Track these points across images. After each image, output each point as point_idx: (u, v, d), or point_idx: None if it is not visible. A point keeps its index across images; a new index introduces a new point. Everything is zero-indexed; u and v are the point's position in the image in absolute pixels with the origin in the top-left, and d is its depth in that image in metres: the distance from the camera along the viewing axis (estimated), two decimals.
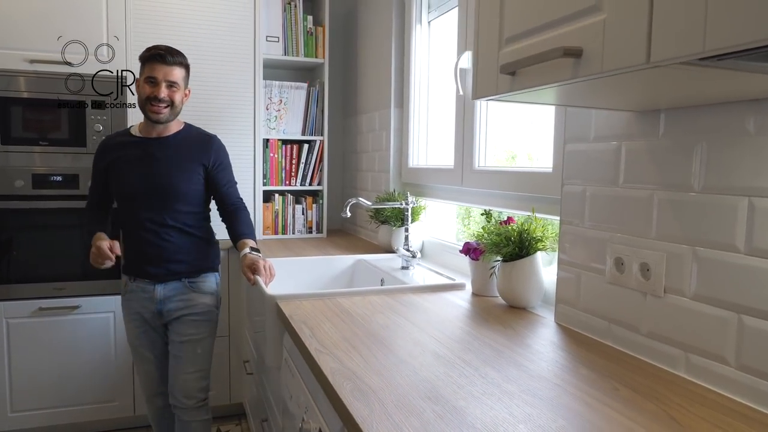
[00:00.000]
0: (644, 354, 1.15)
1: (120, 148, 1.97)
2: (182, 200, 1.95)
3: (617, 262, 1.22)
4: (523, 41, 0.89)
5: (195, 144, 2.00)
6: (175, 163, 1.94)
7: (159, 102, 1.87)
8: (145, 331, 2.02)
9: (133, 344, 2.06)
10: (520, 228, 1.53)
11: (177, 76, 1.89)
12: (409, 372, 1.06)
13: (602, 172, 1.26)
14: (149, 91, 1.87)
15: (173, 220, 1.95)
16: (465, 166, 1.97)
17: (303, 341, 1.24)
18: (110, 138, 2.05)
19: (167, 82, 1.87)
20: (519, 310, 1.52)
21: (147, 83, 1.88)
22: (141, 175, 1.93)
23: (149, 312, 1.99)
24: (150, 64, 1.87)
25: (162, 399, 2.09)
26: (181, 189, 1.94)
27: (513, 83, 0.91)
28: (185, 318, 1.98)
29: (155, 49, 1.88)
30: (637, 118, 1.17)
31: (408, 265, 2.02)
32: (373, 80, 2.79)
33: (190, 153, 1.98)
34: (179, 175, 1.94)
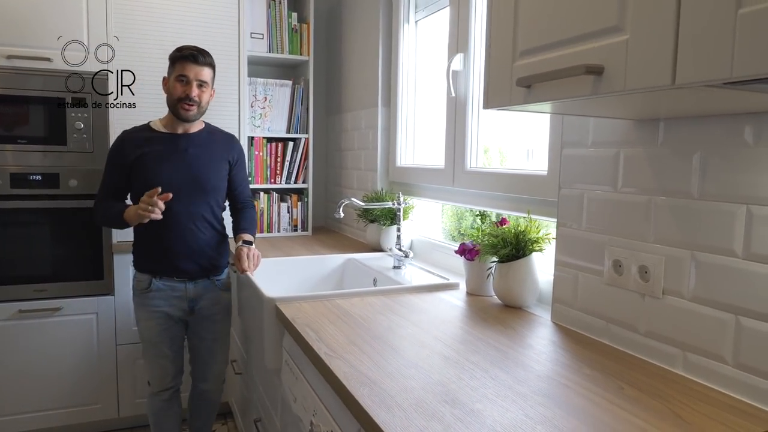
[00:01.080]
0: (642, 352, 1.20)
1: (146, 144, 1.96)
2: (213, 194, 2.03)
3: (615, 264, 1.26)
4: (539, 55, 0.92)
5: (221, 141, 2.09)
6: (206, 158, 2.02)
7: (190, 101, 1.91)
8: (167, 329, 2.03)
9: (152, 341, 2.03)
10: (516, 230, 1.57)
11: (207, 76, 1.94)
12: (421, 375, 1.09)
13: (600, 177, 1.31)
14: (181, 90, 1.90)
15: (208, 213, 2.02)
16: (456, 167, 2.00)
17: (311, 345, 1.25)
18: (130, 133, 2.01)
19: (198, 81, 1.91)
20: (515, 310, 1.56)
21: (178, 82, 1.91)
22: (175, 168, 1.96)
23: (179, 310, 2.03)
24: (181, 63, 1.90)
25: (170, 392, 2.10)
26: (214, 183, 2.03)
27: (528, 95, 0.93)
28: (215, 317, 2.10)
29: (187, 49, 1.91)
30: (636, 126, 1.21)
31: (400, 264, 2.04)
32: (358, 79, 2.79)
33: (217, 149, 2.06)
34: (211, 170, 2.03)
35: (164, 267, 1.98)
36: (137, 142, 1.97)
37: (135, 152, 1.96)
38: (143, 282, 2.00)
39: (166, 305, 2.01)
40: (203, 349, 2.12)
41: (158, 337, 2.02)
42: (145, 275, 2.01)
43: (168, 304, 2.01)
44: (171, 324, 2.04)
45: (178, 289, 2.01)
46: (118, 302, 2.58)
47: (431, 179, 2.21)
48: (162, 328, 2.02)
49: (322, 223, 3.33)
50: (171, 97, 1.94)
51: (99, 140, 2.49)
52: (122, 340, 2.61)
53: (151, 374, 2.10)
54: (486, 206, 1.87)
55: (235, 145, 2.14)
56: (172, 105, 1.95)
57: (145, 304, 2.01)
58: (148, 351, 2.06)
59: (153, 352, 2.05)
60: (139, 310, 2.04)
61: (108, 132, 2.50)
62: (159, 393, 2.09)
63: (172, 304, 2.01)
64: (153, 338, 2.03)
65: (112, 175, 2.01)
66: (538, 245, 1.54)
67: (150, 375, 2.10)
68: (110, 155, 2.02)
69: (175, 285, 2.00)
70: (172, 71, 1.94)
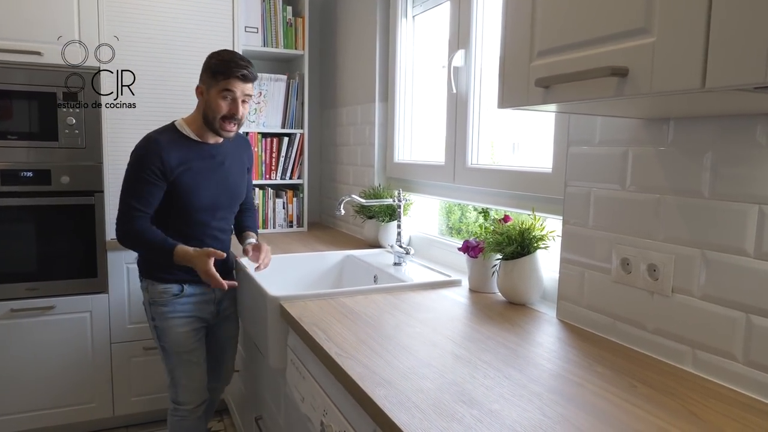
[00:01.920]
0: (651, 350, 1.21)
1: (182, 153, 1.80)
2: (239, 203, 2.01)
3: (623, 262, 1.27)
4: (559, 56, 0.91)
5: (240, 145, 2.03)
6: (237, 169, 1.96)
7: (233, 120, 1.79)
8: (200, 338, 1.95)
9: (188, 348, 1.90)
10: (521, 227, 1.57)
11: (251, 90, 1.82)
12: (435, 375, 1.08)
13: (608, 175, 1.31)
14: (226, 108, 1.76)
15: (231, 220, 2.00)
16: (457, 163, 1.99)
17: (321, 345, 1.25)
18: (160, 138, 1.80)
19: (243, 98, 1.78)
20: (520, 307, 1.57)
21: (222, 98, 1.75)
22: (216, 186, 1.87)
23: (208, 314, 1.97)
24: (228, 80, 1.73)
25: (204, 407, 1.99)
26: (242, 193, 2.00)
27: (546, 96, 0.93)
28: (232, 315, 2.08)
29: (234, 65, 1.73)
30: (646, 125, 1.22)
31: (401, 261, 2.04)
32: (355, 73, 2.78)
33: (241, 156, 2.00)
34: (241, 181, 1.99)
35: (194, 276, 1.83)
36: (177, 152, 1.79)
37: (177, 166, 1.78)
38: (171, 289, 1.87)
39: (197, 310, 1.92)
40: (218, 348, 2.08)
41: (195, 344, 1.92)
42: (171, 284, 1.87)
43: (199, 308, 1.92)
44: (202, 329, 1.96)
45: (207, 293, 1.93)
46: (112, 300, 2.55)
47: (430, 176, 2.21)
48: (197, 334, 1.93)
49: (317, 219, 3.32)
50: (212, 112, 1.77)
51: (91, 136, 2.45)
52: (117, 339, 2.58)
53: (186, 389, 1.92)
54: (488, 203, 1.87)
55: (250, 148, 2.10)
56: (211, 121, 1.79)
57: (177, 311, 1.88)
58: (183, 362, 1.90)
59: (189, 362, 1.91)
60: (167, 320, 1.87)
61: (101, 128, 2.46)
62: (194, 410, 1.96)
63: (202, 309, 1.93)
64: (189, 346, 1.90)
65: (149, 190, 1.77)
66: (543, 242, 1.55)
67: (184, 391, 1.92)
68: (145, 162, 1.76)
69: (204, 290, 1.92)
70: (213, 84, 1.75)
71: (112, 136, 2.49)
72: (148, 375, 2.64)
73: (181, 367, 1.92)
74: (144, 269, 1.93)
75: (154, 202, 1.80)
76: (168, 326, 1.89)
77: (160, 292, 1.87)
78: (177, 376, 1.93)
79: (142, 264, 1.94)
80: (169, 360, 1.92)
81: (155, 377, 2.64)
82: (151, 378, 2.65)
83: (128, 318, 2.59)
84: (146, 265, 1.93)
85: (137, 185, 1.78)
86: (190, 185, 1.81)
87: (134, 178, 1.78)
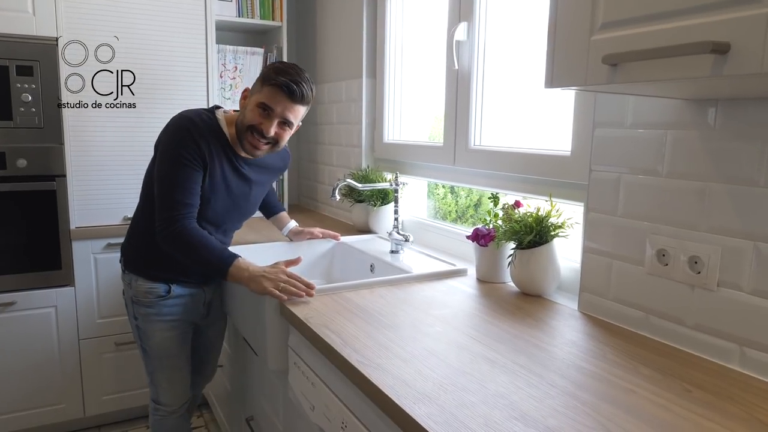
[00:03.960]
0: (691, 346, 1.14)
1: (216, 154, 1.58)
2: (246, 220, 1.85)
3: (659, 254, 1.19)
4: (632, 29, 0.80)
5: (278, 165, 1.85)
6: (262, 187, 1.80)
7: (262, 138, 1.54)
8: (186, 338, 1.77)
9: (171, 353, 1.74)
10: (537, 215, 1.47)
11: (296, 115, 1.56)
12: (475, 386, 0.98)
13: (642, 160, 1.22)
14: (258, 120, 1.52)
15: (233, 232, 1.86)
16: (458, 145, 1.88)
17: (338, 352, 1.13)
18: (198, 127, 1.55)
19: (282, 119, 1.54)
20: (536, 298, 1.48)
21: (259, 108, 1.52)
22: (232, 203, 1.67)
23: (197, 315, 1.79)
24: (273, 90, 1.49)
25: (186, 405, 1.86)
26: (254, 211, 1.84)
27: (613, 74, 0.82)
28: (221, 315, 1.95)
29: (286, 76, 1.49)
30: (688, 107, 1.12)
31: (398, 249, 1.92)
32: (338, 47, 2.60)
33: (273, 175, 1.86)
34: (260, 198, 1.82)
35: (180, 276, 1.70)
36: (209, 147, 1.56)
37: (206, 158, 1.55)
38: (157, 290, 1.68)
39: (184, 312, 1.74)
40: (203, 348, 1.93)
41: (178, 348, 1.75)
42: (158, 284, 1.68)
43: (186, 310, 1.74)
44: (189, 331, 1.78)
45: (196, 294, 1.76)
46: (79, 293, 2.35)
47: (426, 157, 2.09)
48: (183, 338, 1.75)
49: (295, 201, 3.16)
50: (243, 119, 1.55)
51: (50, 114, 2.22)
52: (85, 335, 2.39)
53: (167, 392, 1.78)
54: (495, 187, 1.77)
55: (286, 164, 1.92)
56: (240, 129, 1.56)
57: (162, 314, 1.70)
58: (165, 367, 1.75)
59: (171, 367, 1.76)
60: (152, 323, 1.70)
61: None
62: (176, 410, 1.81)
63: (190, 310, 1.75)
64: (173, 351, 1.74)
65: (196, 179, 1.53)
66: (562, 231, 1.46)
67: (165, 394, 1.78)
68: (187, 143, 1.51)
69: (193, 291, 1.74)
70: (258, 90, 1.53)
71: (74, 114, 2.26)
72: (121, 372, 2.47)
73: (162, 372, 1.76)
74: (130, 260, 1.73)
75: (199, 193, 1.56)
76: (151, 329, 1.71)
77: (145, 292, 1.68)
78: (158, 379, 1.78)
79: (129, 253, 1.74)
80: (150, 363, 1.76)
81: (128, 374, 2.48)
82: (124, 375, 2.48)
83: (97, 312, 2.40)
84: (134, 256, 1.72)
85: (180, 173, 1.51)
86: (209, 188, 1.59)
87: (174, 162, 1.51)
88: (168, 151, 1.54)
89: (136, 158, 2.36)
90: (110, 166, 2.35)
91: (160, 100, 2.39)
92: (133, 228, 1.75)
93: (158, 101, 2.39)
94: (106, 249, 2.37)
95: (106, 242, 2.37)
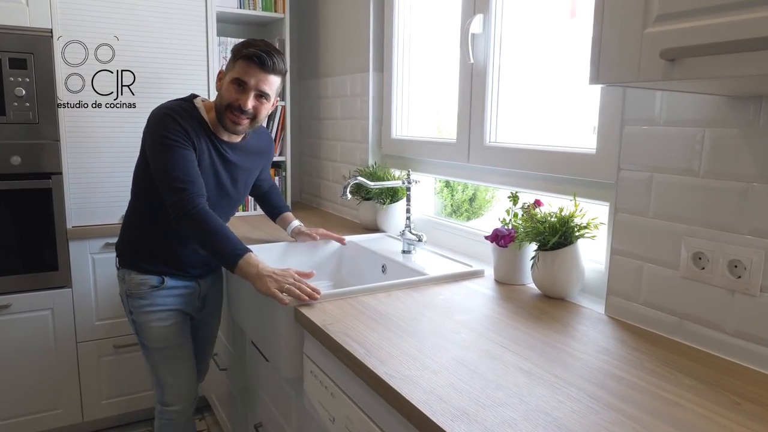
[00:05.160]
0: (731, 354, 1.10)
1: (201, 140, 1.60)
2: (236, 209, 1.85)
3: (695, 257, 1.14)
4: (690, 21, 0.74)
5: (262, 148, 1.84)
6: (248, 173, 1.78)
7: (242, 113, 1.57)
8: (184, 327, 1.76)
9: (173, 342, 1.71)
10: (561, 216, 1.42)
11: (271, 86, 1.58)
12: (514, 400, 0.93)
13: (676, 159, 1.17)
14: (234, 97, 1.55)
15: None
16: (473, 141, 1.82)
17: (362, 362, 1.07)
18: (179, 113, 1.56)
19: (258, 92, 1.56)
20: (559, 301, 1.43)
21: (234, 84, 1.55)
22: (218, 188, 1.68)
23: (192, 308, 1.78)
24: (244, 63, 1.53)
25: (194, 405, 1.83)
26: (242, 199, 1.82)
27: (671, 70, 0.76)
28: (217, 311, 1.95)
29: (254, 47, 1.54)
30: (729, 104, 1.07)
31: (410, 249, 1.86)
32: (343, 40, 2.53)
33: (258, 159, 1.83)
34: (248, 185, 1.81)
35: (173, 268, 1.70)
36: (194, 133, 1.58)
37: (198, 145, 1.59)
38: (149, 281, 1.67)
39: (179, 303, 1.72)
40: (197, 345, 1.87)
41: (179, 336, 1.72)
42: (150, 276, 1.68)
43: (181, 301, 1.73)
44: (186, 322, 1.76)
45: (192, 286, 1.76)
46: (77, 295, 2.28)
47: (437, 154, 2.02)
48: (180, 328, 1.73)
49: (297, 198, 3.09)
50: (221, 99, 1.58)
51: (45, 109, 2.13)
52: (83, 337, 2.31)
53: (173, 388, 1.74)
54: (512, 185, 1.71)
55: (271, 151, 1.93)
56: (219, 110, 1.59)
57: (156, 304, 1.68)
58: (167, 358, 1.72)
59: (175, 357, 1.73)
60: (145, 314, 1.68)
61: (54, 100, 2.13)
62: (184, 411, 1.77)
63: (184, 301, 1.74)
64: (173, 339, 1.71)
65: (190, 158, 1.54)
66: (587, 231, 1.41)
67: (171, 390, 1.74)
68: (172, 128, 1.52)
69: (187, 283, 1.74)
70: (231, 68, 1.57)
71: (70, 110, 2.18)
72: (120, 375, 2.40)
73: (165, 365, 1.72)
74: (123, 255, 1.72)
75: (199, 172, 1.56)
76: (146, 320, 1.69)
77: (138, 284, 1.67)
78: (162, 374, 1.73)
79: (121, 249, 1.73)
80: (151, 357, 1.73)
81: (128, 377, 2.41)
82: (124, 378, 2.41)
83: (96, 314, 2.33)
84: (126, 251, 1.72)
85: (175, 155, 1.50)
86: None
87: (164, 147, 1.51)
88: (156, 139, 1.54)
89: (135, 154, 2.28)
90: (108, 162, 2.27)
91: (160, 94, 2.29)
92: (125, 225, 1.76)
93: (157, 96, 2.27)
94: (105, 249, 2.30)
95: (105, 242, 2.29)
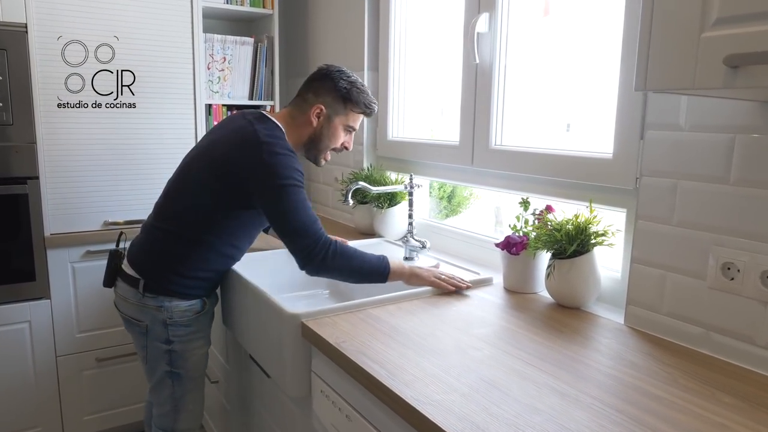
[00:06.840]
0: (763, 367, 1.06)
1: None
2: None
3: (724, 267, 1.10)
4: (754, 25, 0.69)
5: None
6: None
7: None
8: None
9: (202, 373, 1.69)
10: (577, 223, 1.38)
11: None
12: (554, 427, 0.87)
13: (704, 166, 1.13)
14: (344, 140, 1.63)
15: None
16: (477, 144, 1.76)
17: (385, 385, 1.00)
18: (294, 154, 1.52)
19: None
20: (575, 311, 1.39)
21: (345, 131, 1.62)
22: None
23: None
24: (361, 115, 1.62)
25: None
26: None
27: (733, 78, 0.71)
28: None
29: (368, 97, 1.60)
30: (762, 109, 1.03)
31: (412, 255, 1.80)
32: (336, 37, 2.45)
33: None
34: None
35: (211, 290, 1.67)
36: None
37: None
38: (195, 306, 1.58)
39: (210, 322, 1.69)
40: None
41: (205, 365, 1.70)
42: (194, 301, 1.59)
43: (211, 319, 1.70)
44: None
45: (214, 301, 1.72)
46: (56, 307, 2.15)
47: (438, 156, 1.96)
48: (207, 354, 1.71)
49: None
50: (327, 140, 1.60)
51: (20, 108, 2.00)
52: (63, 351, 2.19)
53: (191, 415, 1.68)
54: (518, 190, 1.66)
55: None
56: (318, 147, 1.61)
57: (200, 330, 1.62)
58: (197, 387, 1.67)
59: (201, 385, 1.70)
60: (191, 342, 1.59)
61: (31, 98, 2.00)
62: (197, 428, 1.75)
63: (211, 318, 1.70)
64: (204, 367, 1.69)
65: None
66: (605, 239, 1.36)
67: (188, 417, 1.67)
68: (298, 171, 1.46)
69: (213, 299, 1.70)
70: (342, 113, 1.58)
71: (47, 109, 2.05)
72: (103, 389, 2.28)
73: (193, 392, 1.65)
74: (162, 285, 1.54)
75: None
76: (190, 348, 1.60)
77: (183, 311, 1.55)
78: (185, 401, 1.65)
79: (158, 275, 1.54)
80: (182, 386, 1.62)
81: (111, 391, 2.29)
82: (107, 392, 2.29)
83: (76, 326, 2.21)
84: (167, 278, 1.54)
85: (300, 197, 1.45)
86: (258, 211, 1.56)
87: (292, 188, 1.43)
88: (280, 174, 1.42)
89: (117, 158, 2.17)
90: (88, 166, 2.15)
91: (143, 95, 2.19)
92: (161, 250, 1.55)
93: (140, 97, 2.19)
94: (85, 257, 2.18)
95: (85, 250, 2.17)
